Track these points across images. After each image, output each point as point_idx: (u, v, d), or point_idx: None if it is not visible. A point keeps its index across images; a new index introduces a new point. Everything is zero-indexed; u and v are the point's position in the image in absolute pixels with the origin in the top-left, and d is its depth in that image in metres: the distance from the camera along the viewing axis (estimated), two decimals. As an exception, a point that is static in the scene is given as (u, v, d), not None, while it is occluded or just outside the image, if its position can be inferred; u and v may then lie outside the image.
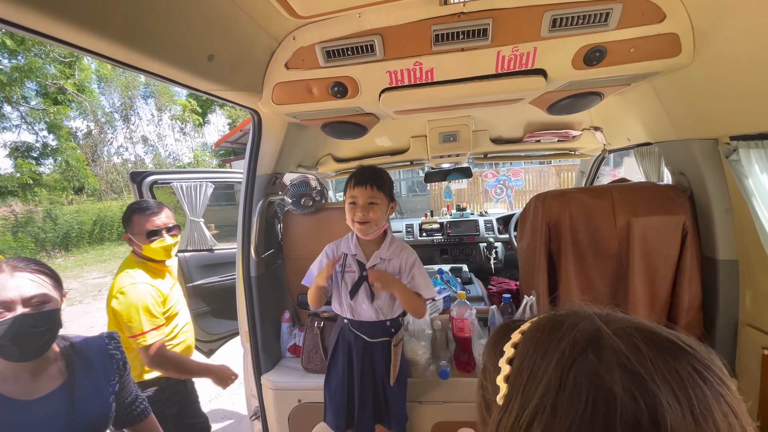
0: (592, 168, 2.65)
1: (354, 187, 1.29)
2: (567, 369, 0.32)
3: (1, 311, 0.86)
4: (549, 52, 1.18)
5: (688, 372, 0.29)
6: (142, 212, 1.59)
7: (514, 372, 0.37)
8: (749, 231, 1.24)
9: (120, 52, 0.81)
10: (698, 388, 0.29)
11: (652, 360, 0.30)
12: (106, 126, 19.13)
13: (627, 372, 0.29)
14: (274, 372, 1.67)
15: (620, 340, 0.32)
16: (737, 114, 1.13)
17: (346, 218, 1.33)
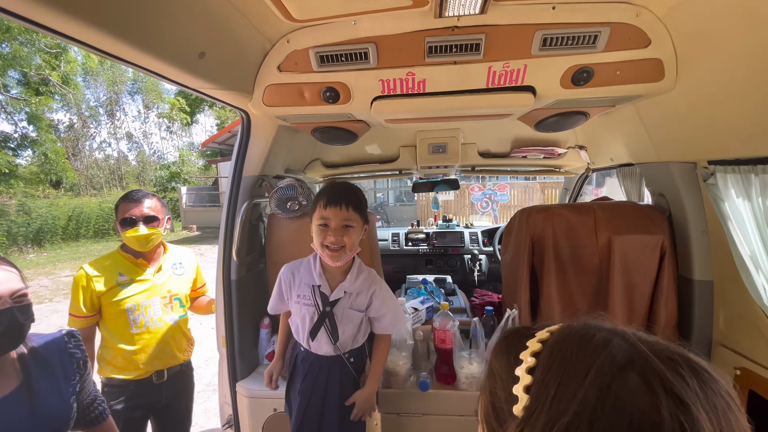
0: (576, 186, 2.71)
1: (326, 206, 1.13)
2: (607, 386, 0.30)
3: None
4: (538, 70, 1.20)
5: (720, 401, 0.30)
6: (124, 200, 1.59)
7: (537, 383, 0.35)
8: (724, 253, 1.28)
9: (108, 43, 0.79)
10: (727, 417, 0.29)
11: (693, 387, 0.30)
12: (89, 120, 18.69)
13: (673, 396, 0.29)
14: (250, 379, 1.62)
15: (661, 362, 0.31)
16: (715, 139, 1.18)
17: (314, 241, 1.19)
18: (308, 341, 1.26)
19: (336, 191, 1.17)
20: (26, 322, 0.93)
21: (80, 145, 18.58)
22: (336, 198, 1.15)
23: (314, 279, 1.24)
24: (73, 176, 14.16)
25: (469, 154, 2.32)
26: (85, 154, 18.95)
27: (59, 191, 16.07)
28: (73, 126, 18.08)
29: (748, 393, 1.22)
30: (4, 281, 0.90)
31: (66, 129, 17.84)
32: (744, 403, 1.23)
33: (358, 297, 1.25)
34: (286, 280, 1.29)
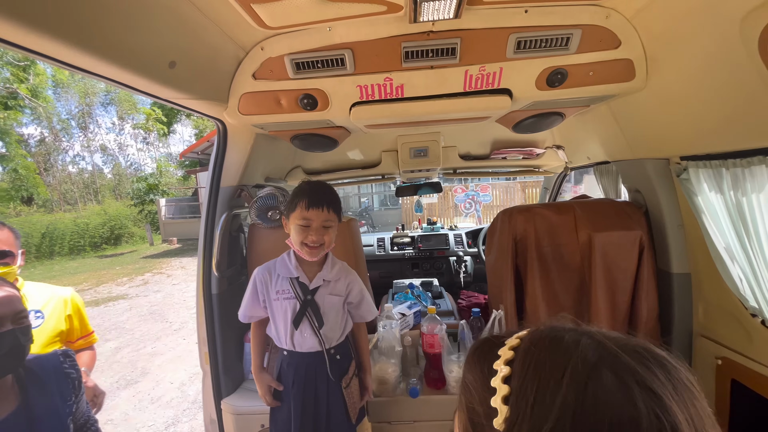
0: (555, 184, 2.76)
1: (308, 208, 1.16)
2: (584, 386, 0.31)
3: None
4: (514, 73, 1.22)
5: (684, 388, 0.31)
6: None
7: (515, 392, 0.34)
8: (701, 246, 1.31)
9: (72, 56, 0.76)
10: (693, 404, 0.30)
11: (660, 377, 0.31)
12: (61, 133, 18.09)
13: (645, 389, 0.30)
14: (236, 396, 1.57)
15: (629, 356, 0.32)
16: (686, 136, 1.21)
17: (293, 240, 1.22)
18: (291, 338, 1.24)
19: (317, 193, 1.19)
20: (27, 343, 0.93)
21: (52, 159, 17.93)
22: (318, 200, 1.17)
23: (292, 272, 1.25)
24: (45, 192, 13.66)
25: (450, 157, 2.34)
26: (58, 168, 18.30)
27: (31, 208, 15.45)
28: (45, 140, 17.45)
29: (731, 382, 1.25)
30: (6, 303, 0.90)
31: (37, 143, 17.19)
32: (727, 392, 1.26)
33: (336, 284, 1.28)
34: (261, 279, 1.27)
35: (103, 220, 14.24)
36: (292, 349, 1.25)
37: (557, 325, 0.38)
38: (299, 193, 1.20)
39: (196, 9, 0.94)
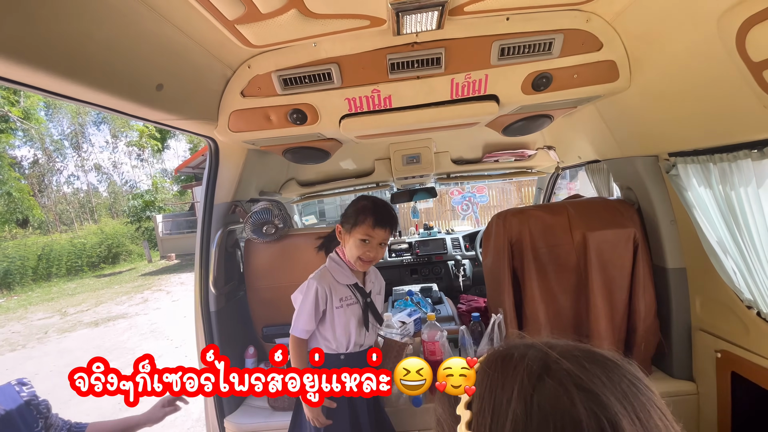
0: (549, 184, 2.78)
1: (374, 227, 1.23)
2: (529, 398, 0.32)
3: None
4: (500, 79, 1.23)
5: (626, 383, 0.32)
6: None
7: (476, 415, 0.36)
8: (694, 240, 1.32)
9: (58, 85, 0.76)
10: (636, 397, 0.32)
11: (599, 376, 0.32)
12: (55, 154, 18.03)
13: (583, 391, 0.31)
14: (239, 413, 1.56)
15: (568, 361, 0.34)
16: (672, 132, 1.23)
17: (348, 252, 1.28)
18: (356, 340, 1.31)
19: (384, 214, 1.26)
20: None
21: (46, 180, 17.86)
22: (385, 221, 1.25)
23: (351, 279, 1.33)
24: (40, 214, 13.59)
25: (443, 162, 2.35)
26: (53, 189, 18.23)
27: (27, 230, 15.35)
28: (38, 161, 17.39)
29: (731, 374, 1.25)
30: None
31: (30, 165, 17.13)
32: (728, 384, 1.26)
33: (375, 286, 1.43)
34: (323, 292, 1.28)
35: (100, 239, 14.16)
36: (352, 352, 1.31)
37: (512, 343, 0.40)
38: (364, 210, 1.26)
39: (180, 32, 0.95)
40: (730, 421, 1.27)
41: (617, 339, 1.46)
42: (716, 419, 1.32)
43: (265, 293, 1.68)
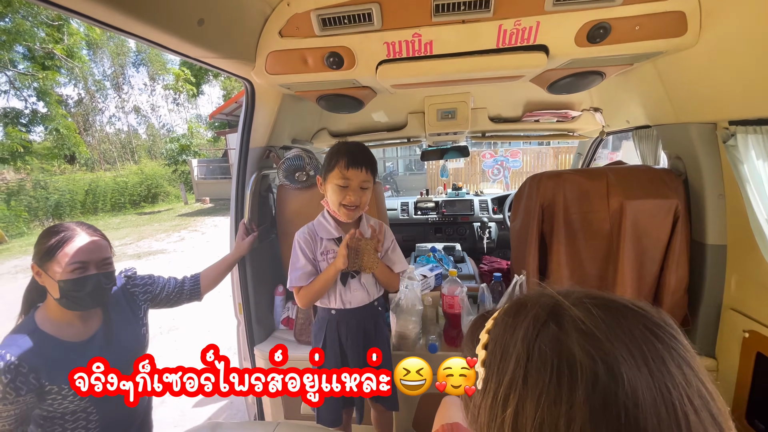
0: (590, 150, 2.64)
1: (348, 167, 1.17)
2: (533, 341, 0.34)
3: (80, 269, 1.01)
4: (552, 28, 1.14)
5: (639, 330, 0.32)
6: None
7: (489, 355, 0.39)
8: (740, 217, 1.25)
9: (105, 14, 0.77)
10: (650, 343, 0.31)
11: (606, 322, 0.33)
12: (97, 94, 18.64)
13: (583, 334, 0.32)
14: (267, 343, 1.70)
15: (577, 308, 0.35)
16: (738, 98, 1.12)
17: (330, 200, 1.24)
18: (341, 297, 1.31)
19: (356, 153, 1.21)
20: (108, 285, 1.09)
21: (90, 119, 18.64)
22: (357, 160, 1.19)
23: (333, 233, 1.30)
24: (86, 151, 14.29)
25: (480, 120, 2.26)
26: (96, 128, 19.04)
27: (74, 166, 16.33)
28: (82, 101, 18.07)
29: (756, 355, 1.23)
30: (94, 250, 1.05)
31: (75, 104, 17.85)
32: (751, 364, 1.25)
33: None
34: (306, 244, 1.29)
35: (140, 179, 14.93)
36: (341, 308, 1.32)
37: (530, 292, 0.41)
38: (337, 153, 1.21)
39: None
40: (747, 400, 1.27)
41: (641, 310, 1.45)
42: (732, 397, 1.32)
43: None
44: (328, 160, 1.23)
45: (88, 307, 1.08)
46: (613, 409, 0.28)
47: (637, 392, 0.28)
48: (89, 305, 1.07)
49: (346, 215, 1.24)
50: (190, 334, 3.85)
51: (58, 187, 12.19)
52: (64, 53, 12.53)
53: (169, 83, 19.89)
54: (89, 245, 1.05)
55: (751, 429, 1.25)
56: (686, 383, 0.30)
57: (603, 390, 0.29)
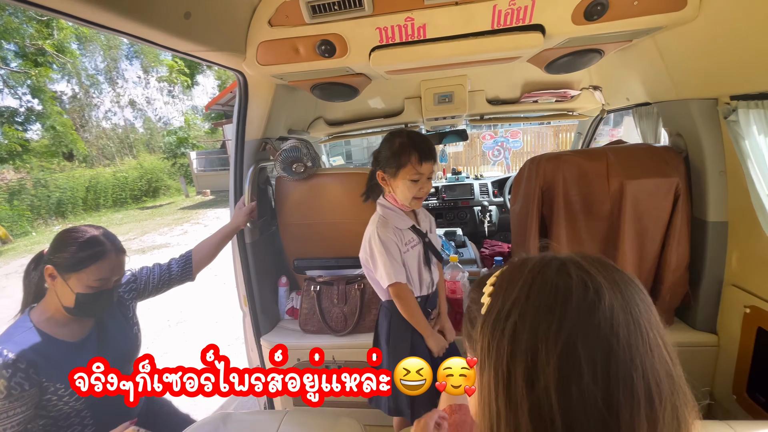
0: (590, 129, 2.60)
1: (421, 162, 1.17)
2: (538, 272, 0.41)
3: (102, 285, 1.04)
4: (548, 6, 1.11)
5: (619, 276, 0.41)
6: None
7: (495, 288, 0.45)
8: (741, 193, 1.24)
9: (88, 12, 0.76)
10: (626, 285, 0.40)
11: (598, 268, 0.40)
12: (91, 89, 18.43)
13: (581, 269, 0.40)
14: (273, 333, 1.72)
15: (578, 257, 0.43)
16: (739, 72, 1.10)
17: (400, 195, 1.23)
18: (421, 282, 1.33)
19: (424, 146, 1.20)
20: (115, 296, 1.13)
21: (86, 115, 18.47)
22: (427, 154, 1.20)
23: (408, 221, 1.31)
24: (84, 148, 14.25)
25: (477, 102, 2.23)
26: (93, 124, 18.90)
27: (73, 163, 16.29)
28: (77, 96, 17.88)
29: (757, 330, 1.24)
30: (118, 268, 1.09)
31: (70, 100, 17.67)
32: (752, 339, 1.26)
33: (426, 224, 1.40)
34: (394, 240, 1.26)
35: (140, 173, 14.90)
36: (427, 294, 1.35)
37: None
38: (405, 149, 1.18)
39: None
40: (747, 374, 1.28)
41: (642, 289, 1.46)
42: (734, 371, 1.34)
43: (295, 229, 1.76)
44: (396, 157, 1.20)
45: (94, 316, 1.11)
46: (595, 317, 0.36)
47: (614, 309, 0.37)
48: (96, 314, 1.11)
49: (417, 204, 1.27)
50: (198, 325, 3.90)
51: (58, 185, 12.19)
52: (54, 49, 12.36)
53: (162, 75, 19.63)
54: (117, 264, 1.08)
55: (753, 402, 1.27)
56: (648, 312, 0.39)
57: (589, 302, 0.37)
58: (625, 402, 0.34)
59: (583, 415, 0.35)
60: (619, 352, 0.35)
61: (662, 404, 0.35)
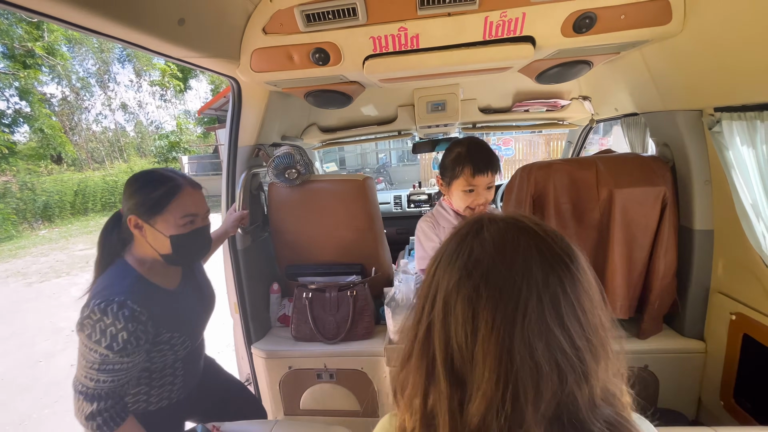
0: (580, 138, 2.65)
1: (475, 175, 1.17)
2: (468, 240, 0.49)
3: (191, 222, 1.00)
4: (538, 19, 1.14)
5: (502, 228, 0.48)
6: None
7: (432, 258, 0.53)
8: (726, 202, 1.27)
9: (80, 17, 0.76)
10: (505, 236, 0.48)
11: (506, 234, 0.48)
12: (82, 92, 18.23)
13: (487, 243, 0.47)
14: (264, 341, 1.70)
15: (492, 225, 0.49)
16: (722, 85, 1.13)
17: (455, 203, 1.27)
18: None
19: (480, 158, 1.19)
20: (209, 234, 1.09)
21: (76, 118, 18.24)
22: (483, 165, 1.19)
23: (453, 222, 1.33)
24: (73, 151, 14.08)
25: (470, 111, 2.26)
26: (83, 127, 18.67)
27: (62, 166, 16.04)
28: (67, 99, 17.67)
29: (743, 337, 1.26)
30: (201, 201, 1.04)
31: (59, 102, 17.45)
32: (738, 346, 1.28)
33: None
34: (431, 230, 1.35)
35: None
36: None
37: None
38: (461, 159, 1.20)
39: None
40: (734, 380, 1.30)
41: (631, 296, 1.47)
42: (721, 377, 1.36)
43: (288, 235, 1.75)
44: (452, 166, 1.23)
45: (193, 262, 1.06)
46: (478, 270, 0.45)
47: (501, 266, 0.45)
48: (195, 259, 1.06)
49: (470, 213, 1.27)
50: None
51: (45, 189, 11.98)
52: (43, 51, 12.23)
53: (155, 79, 19.51)
54: (197, 198, 1.02)
55: (740, 408, 1.29)
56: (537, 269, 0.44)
57: (487, 264, 0.45)
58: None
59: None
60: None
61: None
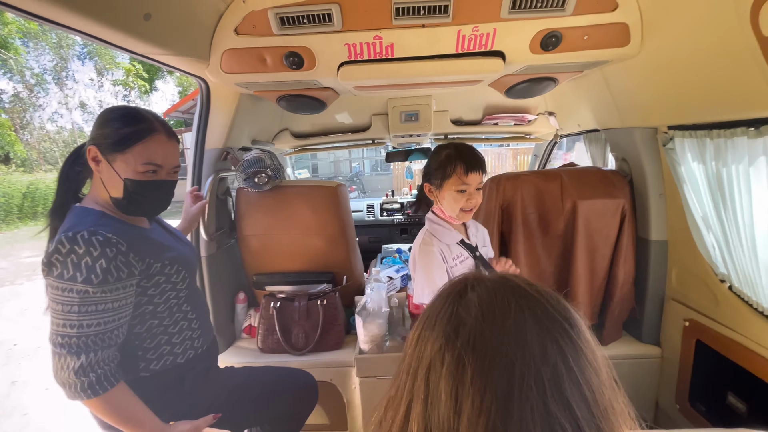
0: (545, 152, 2.76)
1: (467, 173, 1.15)
2: (451, 305, 0.44)
3: (153, 171, 0.91)
4: (508, 35, 1.18)
5: (494, 286, 0.43)
6: None
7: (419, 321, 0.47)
8: (679, 214, 1.35)
9: (38, 6, 0.70)
10: (497, 295, 0.42)
11: (497, 295, 0.42)
12: (36, 89, 17.12)
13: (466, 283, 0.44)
14: (229, 353, 1.63)
15: (479, 287, 0.44)
16: (675, 105, 1.21)
17: (447, 207, 1.21)
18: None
19: (470, 157, 1.17)
20: (171, 197, 1.01)
21: (29, 116, 17.08)
22: (475, 164, 1.16)
23: (457, 236, 1.25)
24: (23, 151, 13.13)
25: (442, 122, 2.30)
26: (35, 126, 17.48)
27: (9, 167, 14.90)
28: (19, 95, 16.52)
29: (696, 342, 1.34)
30: (172, 154, 0.95)
31: (11, 99, 16.29)
32: (692, 351, 1.35)
33: (478, 235, 1.36)
34: (438, 259, 1.22)
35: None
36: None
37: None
38: (451, 159, 1.17)
39: None
40: (689, 383, 1.37)
41: (594, 303, 1.53)
42: (676, 381, 1.43)
43: (255, 242, 1.69)
44: (442, 167, 1.19)
45: (145, 215, 0.99)
46: (462, 332, 0.39)
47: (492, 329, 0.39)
48: (148, 213, 0.99)
49: (464, 217, 1.22)
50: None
51: (-11, 190, 11.07)
52: (-5, 44, 11.42)
53: (118, 79, 18.65)
54: (170, 149, 0.94)
55: (695, 411, 1.35)
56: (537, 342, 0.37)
57: (473, 329, 0.39)
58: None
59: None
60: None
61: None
